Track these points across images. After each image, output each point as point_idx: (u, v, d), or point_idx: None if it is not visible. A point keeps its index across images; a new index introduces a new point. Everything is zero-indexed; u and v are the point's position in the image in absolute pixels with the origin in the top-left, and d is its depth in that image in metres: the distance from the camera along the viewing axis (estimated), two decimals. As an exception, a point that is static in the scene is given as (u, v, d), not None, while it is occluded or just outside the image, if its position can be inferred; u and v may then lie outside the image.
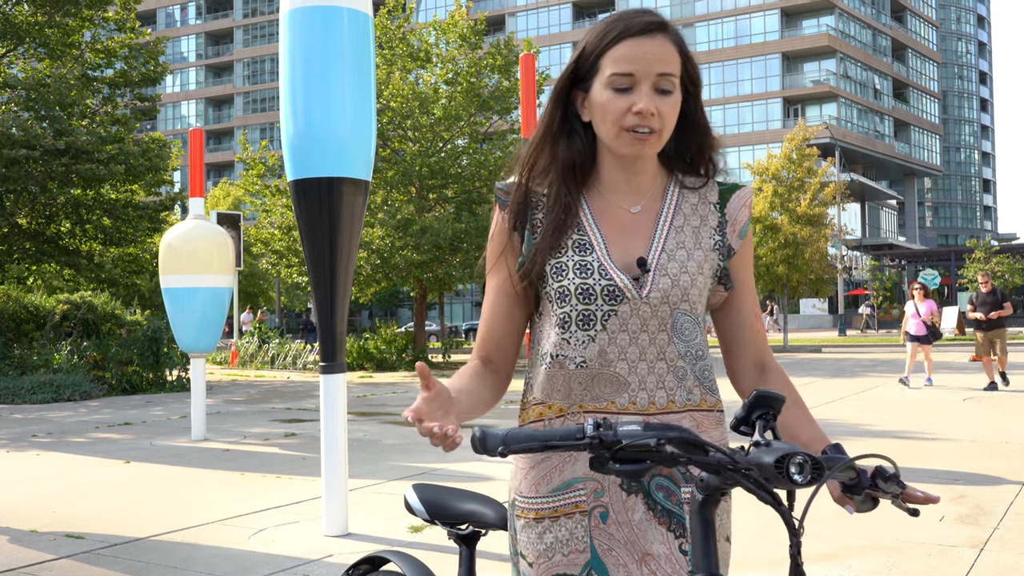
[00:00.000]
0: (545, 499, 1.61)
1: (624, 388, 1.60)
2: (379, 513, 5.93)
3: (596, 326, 1.60)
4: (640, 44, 1.58)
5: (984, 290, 14.20)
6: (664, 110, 1.57)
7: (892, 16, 73.35)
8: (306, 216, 5.47)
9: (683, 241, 1.65)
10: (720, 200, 1.71)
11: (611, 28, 1.61)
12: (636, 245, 1.64)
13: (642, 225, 1.66)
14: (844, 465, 1.36)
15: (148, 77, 20.99)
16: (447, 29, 23.44)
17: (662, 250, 1.63)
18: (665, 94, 1.58)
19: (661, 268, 1.62)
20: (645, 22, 1.59)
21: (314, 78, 5.39)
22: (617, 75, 1.57)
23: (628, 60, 1.57)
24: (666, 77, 1.57)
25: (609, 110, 1.58)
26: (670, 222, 1.66)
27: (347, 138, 5.45)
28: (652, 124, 1.57)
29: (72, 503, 6.48)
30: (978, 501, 6.02)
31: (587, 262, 1.62)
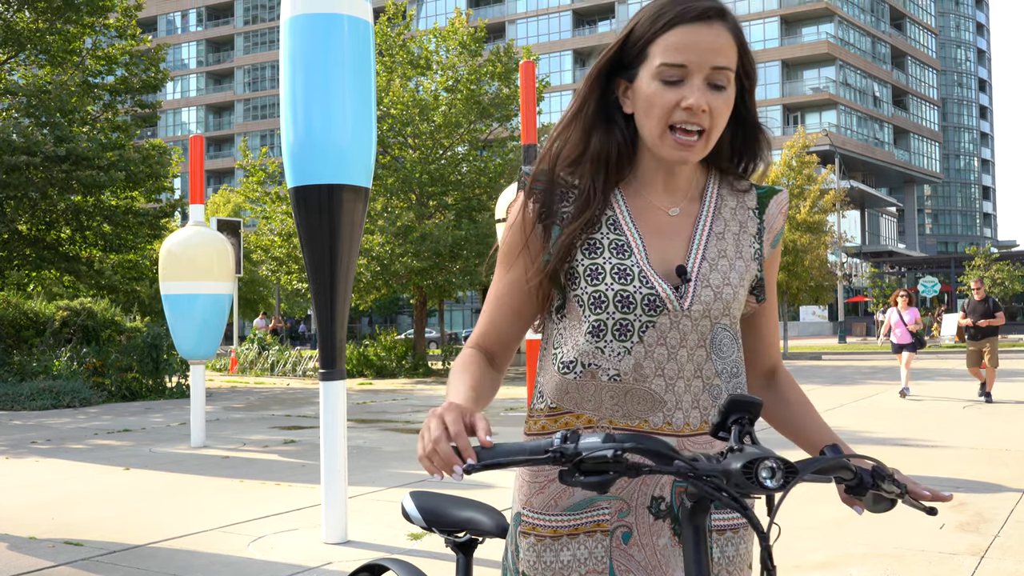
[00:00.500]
0: (564, 516, 1.51)
1: (659, 407, 1.50)
2: (378, 520, 5.92)
3: (633, 337, 1.49)
4: (696, 32, 1.43)
5: (977, 298, 13.79)
6: (716, 107, 1.43)
7: (891, 24, 73.49)
8: (306, 223, 5.47)
9: (724, 249, 1.54)
10: (759, 205, 1.60)
11: (664, 11, 1.45)
12: (674, 251, 1.53)
13: (680, 229, 1.54)
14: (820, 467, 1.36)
15: (149, 84, 21.02)
16: (447, 36, 23.49)
17: (703, 258, 1.52)
18: (718, 90, 1.44)
19: (703, 278, 1.50)
20: (703, 7, 1.43)
21: (314, 85, 5.40)
22: (667, 65, 1.43)
23: (681, 49, 1.42)
24: (721, 71, 1.43)
25: (655, 103, 1.44)
26: (710, 227, 1.55)
27: (347, 145, 5.46)
28: (702, 122, 1.43)
29: (71, 510, 6.47)
30: (979, 509, 6.01)
31: (626, 267, 1.49)
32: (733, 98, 1.47)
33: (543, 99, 24.49)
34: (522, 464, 1.35)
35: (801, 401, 1.65)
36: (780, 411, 1.66)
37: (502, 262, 1.59)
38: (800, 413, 1.64)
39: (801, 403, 1.65)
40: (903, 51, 74.20)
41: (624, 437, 1.32)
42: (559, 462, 1.31)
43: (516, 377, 21.03)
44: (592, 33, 71.71)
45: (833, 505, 5.53)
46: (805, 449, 1.61)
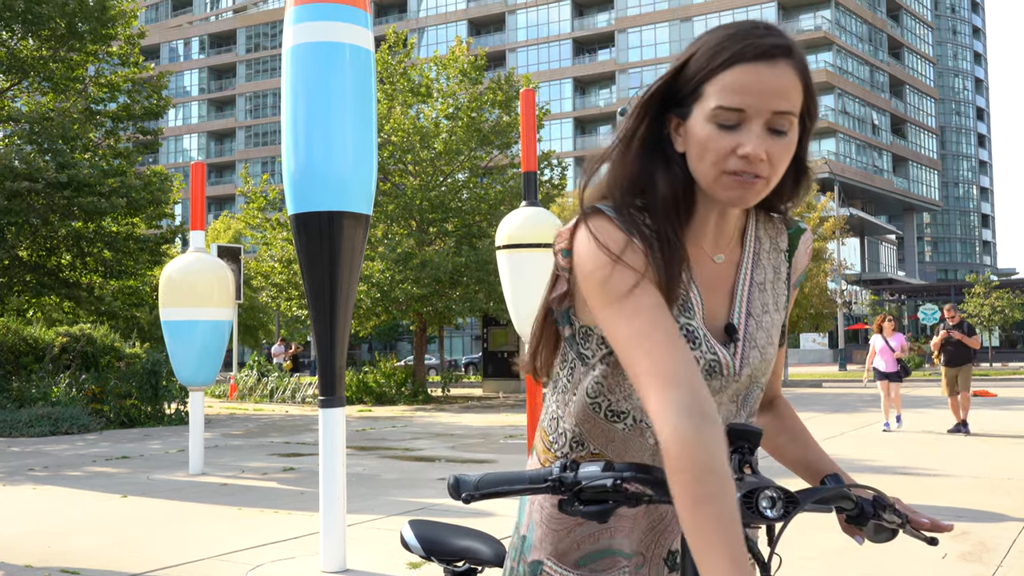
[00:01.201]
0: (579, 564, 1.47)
1: None
2: (377, 549, 5.88)
3: None
4: (758, 72, 1.28)
5: (950, 323, 13.31)
6: (775, 153, 1.30)
7: (889, 53, 74.02)
8: (306, 250, 5.48)
9: (766, 303, 1.45)
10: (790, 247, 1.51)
11: (723, 47, 1.30)
12: (720, 304, 1.42)
13: (723, 278, 1.44)
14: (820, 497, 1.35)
15: (151, 111, 21.13)
16: (448, 64, 23.64)
17: (748, 313, 1.43)
18: (779, 135, 1.30)
19: (750, 338, 1.42)
20: (768, 45, 1.29)
21: (316, 113, 5.43)
22: (724, 108, 1.29)
23: (740, 91, 1.28)
24: (784, 116, 1.29)
25: (709, 148, 1.30)
26: (751, 277, 1.45)
27: (348, 172, 5.48)
28: (759, 170, 1.29)
29: (68, 538, 6.42)
30: (981, 538, 5.97)
31: (693, 328, 1.38)
32: (795, 143, 1.33)
33: (543, 127, 24.61)
34: (521, 493, 1.34)
35: (799, 429, 1.64)
36: (779, 439, 1.65)
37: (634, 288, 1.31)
38: (799, 441, 1.63)
39: (799, 431, 1.64)
40: (901, 80, 74.67)
41: (623, 466, 1.31)
42: (558, 491, 1.31)
43: (516, 404, 20.97)
44: (592, 61, 72.20)
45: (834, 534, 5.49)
46: (804, 478, 1.60)
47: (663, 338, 1.27)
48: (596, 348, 1.44)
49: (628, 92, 66.62)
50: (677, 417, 1.19)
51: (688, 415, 1.19)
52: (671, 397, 1.21)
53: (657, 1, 68.94)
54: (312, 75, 5.44)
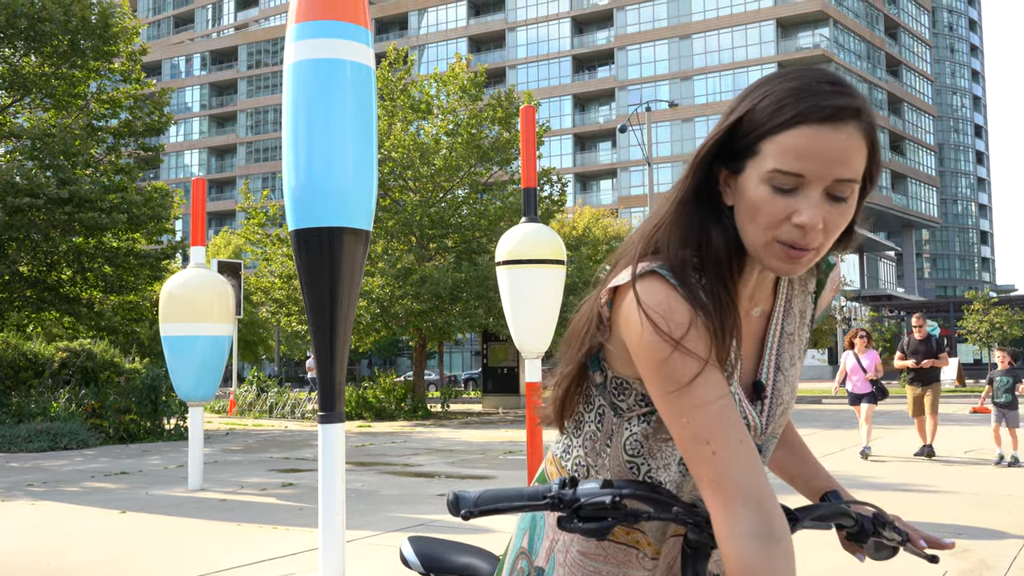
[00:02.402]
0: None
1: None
2: (377, 565, 5.87)
3: None
4: (823, 136, 1.17)
5: (918, 336, 12.10)
6: (832, 222, 1.20)
7: (888, 70, 74.30)
8: (307, 265, 5.49)
9: (793, 354, 1.39)
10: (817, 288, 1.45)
11: (786, 103, 1.19)
12: (749, 359, 1.36)
13: (756, 332, 1.37)
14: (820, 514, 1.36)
15: (152, 127, 21.20)
16: (448, 81, 23.73)
17: (776, 368, 1.37)
18: (839, 201, 1.20)
19: (777, 395, 1.36)
20: (837, 106, 1.17)
21: (316, 129, 5.46)
22: (782, 172, 1.18)
23: (801, 156, 1.17)
24: (846, 183, 1.19)
25: (762, 212, 1.21)
26: (782, 328, 1.38)
27: (348, 188, 5.50)
28: (812, 241, 1.20)
29: (66, 554, 6.41)
30: (981, 555, 5.95)
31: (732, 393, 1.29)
32: (853, 209, 1.23)
33: (543, 143, 24.68)
34: (521, 510, 1.35)
35: (797, 444, 1.64)
36: (777, 453, 1.65)
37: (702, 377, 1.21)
38: (797, 456, 1.63)
39: (797, 446, 1.64)
40: (900, 97, 74.93)
41: (622, 483, 1.32)
42: (557, 508, 1.31)
43: (515, 420, 20.94)
44: (592, 78, 72.46)
45: (834, 551, 5.49)
46: (803, 493, 1.61)
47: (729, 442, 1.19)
48: (634, 404, 1.36)
49: (627, 109, 66.79)
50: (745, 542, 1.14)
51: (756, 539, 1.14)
52: (738, 517, 1.16)
53: (656, 19, 69.25)
54: (313, 91, 5.47)
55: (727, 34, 66.27)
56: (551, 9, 73.69)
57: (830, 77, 1.22)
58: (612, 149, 71.40)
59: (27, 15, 18.57)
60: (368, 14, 5.60)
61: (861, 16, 70.19)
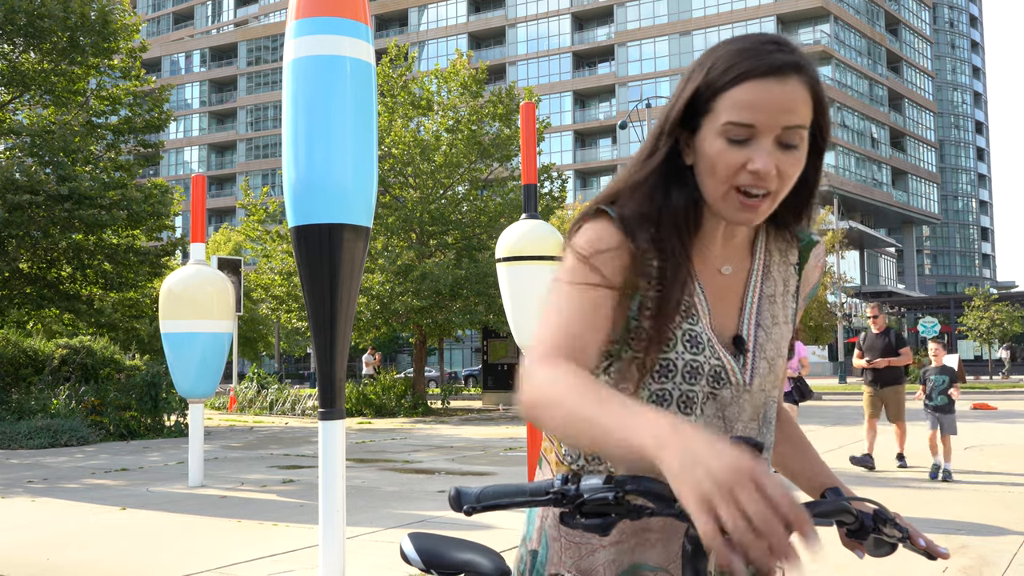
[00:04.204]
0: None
1: None
2: (377, 562, 5.87)
3: (696, 410, 1.39)
4: (768, 88, 1.28)
5: (875, 330, 10.57)
6: (785, 168, 1.30)
7: (888, 67, 74.26)
8: (307, 262, 5.49)
9: (776, 314, 1.45)
10: (800, 260, 1.51)
11: (734, 63, 1.30)
12: (728, 315, 1.42)
13: (732, 290, 1.43)
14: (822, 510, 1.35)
15: (152, 124, 21.17)
16: (448, 78, 23.71)
17: (757, 325, 1.42)
18: (789, 149, 1.30)
19: (760, 349, 1.41)
20: (779, 61, 1.28)
21: (316, 126, 5.45)
22: (734, 124, 1.29)
23: (750, 108, 1.28)
24: (794, 130, 1.29)
25: (719, 164, 1.31)
26: (761, 289, 1.45)
27: (348, 185, 5.49)
28: (768, 185, 1.30)
29: (66, 550, 6.41)
30: (981, 552, 5.96)
31: (696, 333, 1.37)
32: (805, 157, 1.33)
33: (543, 139, 24.67)
34: (523, 505, 1.35)
35: (798, 439, 1.64)
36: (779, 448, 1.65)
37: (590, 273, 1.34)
38: (799, 452, 1.63)
39: (798, 441, 1.64)
40: (900, 94, 74.89)
41: (626, 479, 1.31)
42: (560, 504, 1.31)
43: (516, 417, 20.94)
44: (592, 75, 72.42)
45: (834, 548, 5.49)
46: (804, 490, 1.60)
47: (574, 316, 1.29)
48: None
49: (628, 105, 66.75)
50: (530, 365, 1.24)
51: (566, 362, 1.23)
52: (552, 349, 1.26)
53: (657, 15, 69.20)
54: (313, 88, 5.46)
55: (727, 30, 66.20)
56: (551, 5, 73.65)
57: (773, 38, 1.32)
58: (612, 145, 71.39)
59: (26, 11, 18.55)
60: (368, 10, 5.59)
61: (862, 12, 70.14)
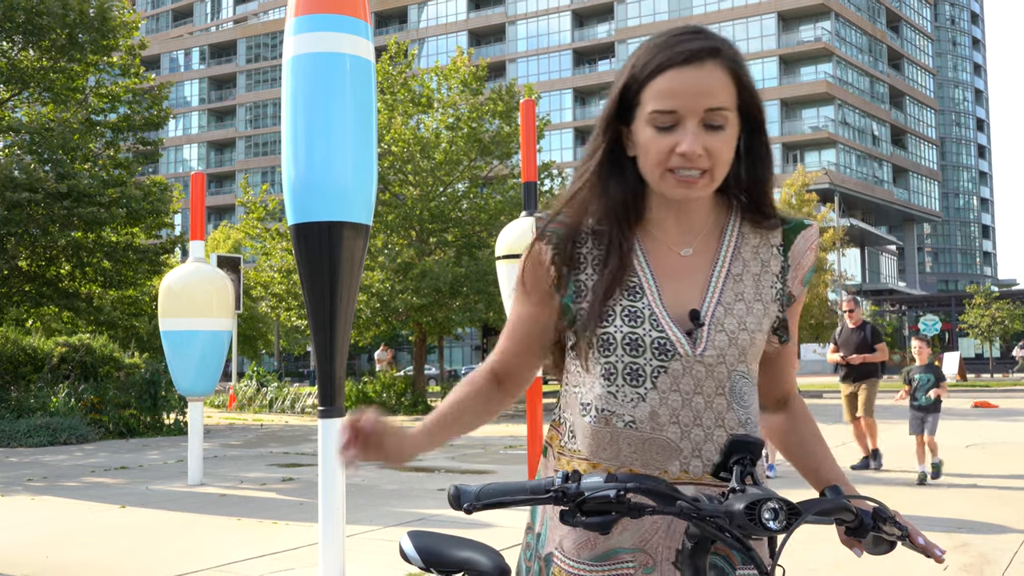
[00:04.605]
0: (587, 565, 1.47)
1: (675, 455, 1.44)
2: (377, 560, 5.86)
3: (646, 383, 1.44)
4: (685, 75, 1.37)
5: (851, 324, 10.23)
6: (714, 148, 1.38)
7: (889, 64, 74.22)
8: (306, 260, 5.47)
9: (742, 292, 1.48)
10: (784, 242, 1.53)
11: (652, 56, 1.40)
12: (689, 295, 1.47)
13: (696, 271, 1.49)
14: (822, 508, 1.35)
15: (151, 122, 21.16)
16: (449, 75, 23.68)
17: (718, 302, 1.47)
18: (716, 130, 1.38)
19: (717, 323, 1.45)
20: (691, 49, 1.38)
21: (316, 123, 5.43)
22: (658, 112, 1.38)
23: (670, 95, 1.37)
24: (717, 112, 1.37)
25: (651, 150, 1.40)
26: (727, 269, 1.49)
27: (348, 182, 5.48)
28: (700, 164, 1.38)
29: (66, 549, 6.40)
30: (982, 550, 5.95)
31: (637, 308, 1.45)
32: (735, 135, 1.41)
33: (543, 137, 24.65)
34: (523, 504, 1.34)
35: (807, 433, 1.64)
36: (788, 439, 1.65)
37: (518, 295, 1.57)
38: (805, 446, 1.64)
39: (807, 436, 1.64)
40: (901, 91, 74.85)
41: (626, 477, 1.31)
42: (561, 502, 1.30)
43: (516, 415, 20.94)
44: (592, 72, 72.41)
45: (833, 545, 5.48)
46: (812, 486, 1.60)
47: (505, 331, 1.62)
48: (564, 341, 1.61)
49: (628, 103, 66.69)
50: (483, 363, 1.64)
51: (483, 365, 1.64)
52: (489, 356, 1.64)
53: (657, 12, 69.15)
54: (312, 86, 5.44)
55: (728, 27, 66.16)
56: (551, 2, 73.59)
57: (689, 28, 1.43)
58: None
59: (25, 9, 18.52)
60: (368, 8, 5.58)
61: (863, 9, 70.10)
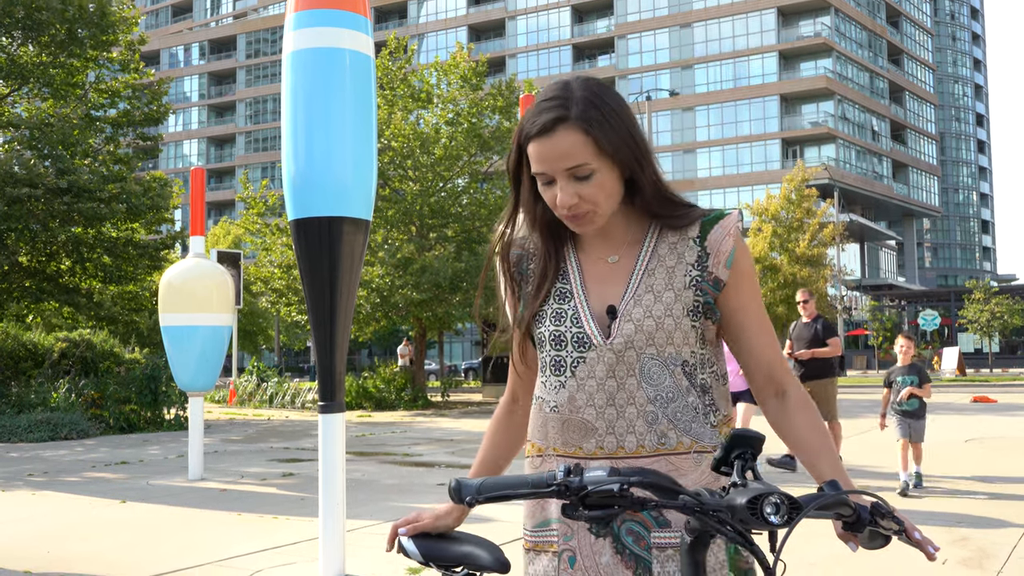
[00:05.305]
0: (531, 533, 1.72)
1: (591, 433, 1.62)
2: (377, 555, 5.88)
3: (566, 372, 1.65)
4: (543, 145, 1.58)
5: (805, 318, 9.70)
6: (587, 194, 1.59)
7: (889, 59, 74.11)
8: (306, 255, 5.48)
9: (652, 284, 1.65)
10: (701, 233, 1.68)
11: (523, 126, 1.63)
12: (611, 294, 1.67)
13: (619, 274, 1.69)
14: (823, 503, 1.35)
15: (151, 117, 21.12)
16: (448, 70, 23.66)
17: (632, 296, 1.64)
18: (584, 180, 1.58)
19: (626, 315, 1.63)
20: (541, 124, 1.58)
21: (316, 118, 5.43)
22: (537, 173, 1.62)
23: (538, 161, 1.60)
24: (578, 167, 1.58)
25: (545, 199, 1.64)
26: (644, 268, 1.67)
27: (348, 178, 5.48)
28: (579, 210, 1.60)
29: (67, 543, 6.41)
30: (981, 544, 5.96)
31: (563, 310, 1.68)
32: (610, 176, 1.60)
33: (543, 132, 24.58)
34: (525, 497, 1.34)
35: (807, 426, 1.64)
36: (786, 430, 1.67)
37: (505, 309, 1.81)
38: (801, 445, 1.63)
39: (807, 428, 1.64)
40: (901, 86, 74.75)
41: (629, 471, 1.31)
42: (563, 496, 1.30)
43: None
44: (592, 67, 72.29)
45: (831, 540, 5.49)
46: (813, 477, 1.61)
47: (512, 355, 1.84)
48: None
49: (628, 98, 66.66)
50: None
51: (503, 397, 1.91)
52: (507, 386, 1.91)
53: (657, 7, 69.04)
54: (312, 81, 5.44)
55: (728, 22, 66.08)
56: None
57: (549, 94, 1.62)
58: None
59: (24, 4, 18.49)
60: (367, 2, 5.57)
61: (862, 4, 69.98)
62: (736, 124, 65.74)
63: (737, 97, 65.70)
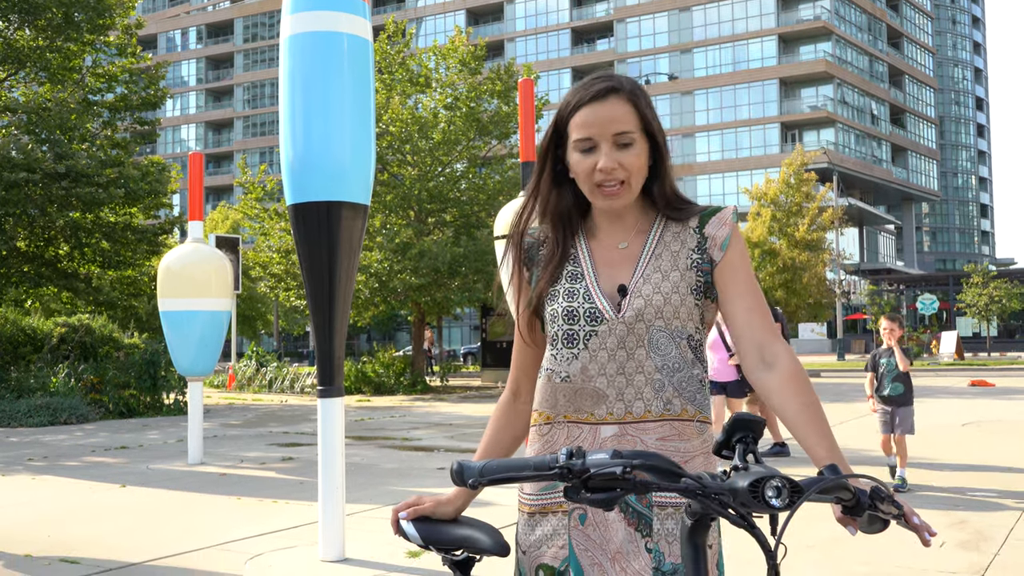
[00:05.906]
0: (536, 496, 1.80)
1: (602, 400, 1.75)
2: (377, 538, 5.90)
3: (579, 344, 1.77)
4: (594, 110, 1.75)
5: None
6: (627, 161, 1.75)
7: (888, 43, 73.87)
8: (305, 240, 5.47)
9: (660, 265, 1.80)
10: (699, 223, 1.84)
11: (571, 98, 1.80)
12: (621, 275, 1.82)
13: (628, 258, 1.84)
14: (823, 487, 1.35)
15: (148, 101, 21.05)
16: (447, 54, 23.57)
17: (641, 276, 1.79)
18: (626, 148, 1.75)
19: (636, 291, 1.77)
20: (597, 89, 1.77)
21: (314, 103, 5.42)
22: (579, 140, 1.76)
23: (586, 125, 1.75)
24: (623, 134, 1.74)
25: (579, 170, 1.78)
26: (652, 252, 1.82)
27: (346, 162, 5.47)
28: (617, 176, 1.74)
29: (67, 527, 6.44)
30: (978, 527, 5.99)
31: (575, 289, 1.82)
32: (644, 150, 1.78)
33: (542, 116, 24.57)
34: (527, 480, 1.34)
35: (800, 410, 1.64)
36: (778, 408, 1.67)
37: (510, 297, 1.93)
38: (799, 431, 1.63)
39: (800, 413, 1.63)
40: (900, 70, 74.54)
41: (632, 454, 1.31)
42: (566, 478, 1.30)
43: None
44: (591, 51, 72.04)
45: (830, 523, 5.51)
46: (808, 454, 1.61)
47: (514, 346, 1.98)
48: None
49: (627, 82, 66.31)
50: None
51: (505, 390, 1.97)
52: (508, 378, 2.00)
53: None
54: (310, 65, 5.42)
55: (727, 6, 65.80)
56: (550, -19, 73.09)
57: (600, 75, 1.82)
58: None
59: (21, -13, 18.40)
60: (365, -15, 5.55)
61: (862, -12, 69.64)
62: (735, 108, 65.56)
63: (736, 81, 65.49)
